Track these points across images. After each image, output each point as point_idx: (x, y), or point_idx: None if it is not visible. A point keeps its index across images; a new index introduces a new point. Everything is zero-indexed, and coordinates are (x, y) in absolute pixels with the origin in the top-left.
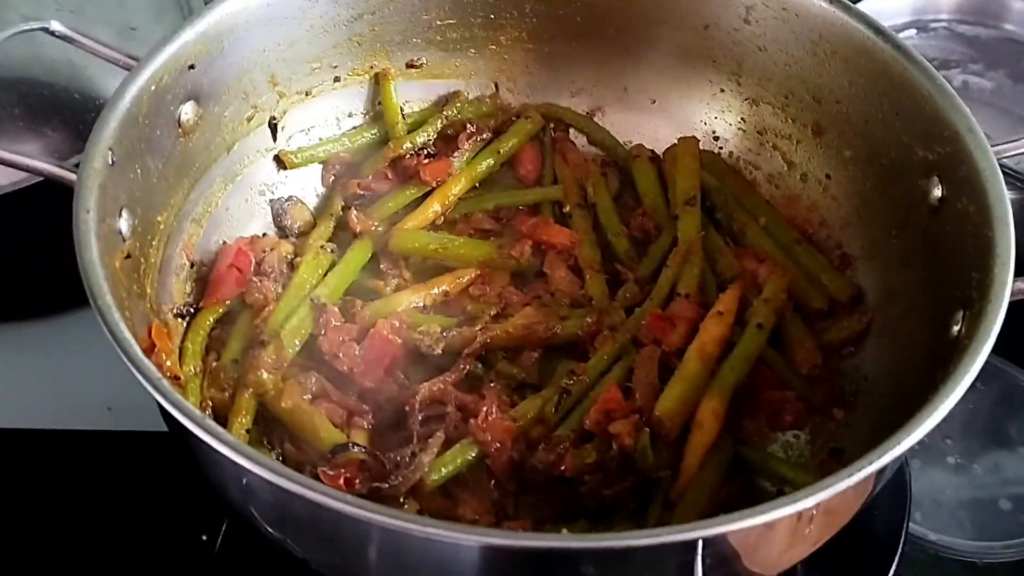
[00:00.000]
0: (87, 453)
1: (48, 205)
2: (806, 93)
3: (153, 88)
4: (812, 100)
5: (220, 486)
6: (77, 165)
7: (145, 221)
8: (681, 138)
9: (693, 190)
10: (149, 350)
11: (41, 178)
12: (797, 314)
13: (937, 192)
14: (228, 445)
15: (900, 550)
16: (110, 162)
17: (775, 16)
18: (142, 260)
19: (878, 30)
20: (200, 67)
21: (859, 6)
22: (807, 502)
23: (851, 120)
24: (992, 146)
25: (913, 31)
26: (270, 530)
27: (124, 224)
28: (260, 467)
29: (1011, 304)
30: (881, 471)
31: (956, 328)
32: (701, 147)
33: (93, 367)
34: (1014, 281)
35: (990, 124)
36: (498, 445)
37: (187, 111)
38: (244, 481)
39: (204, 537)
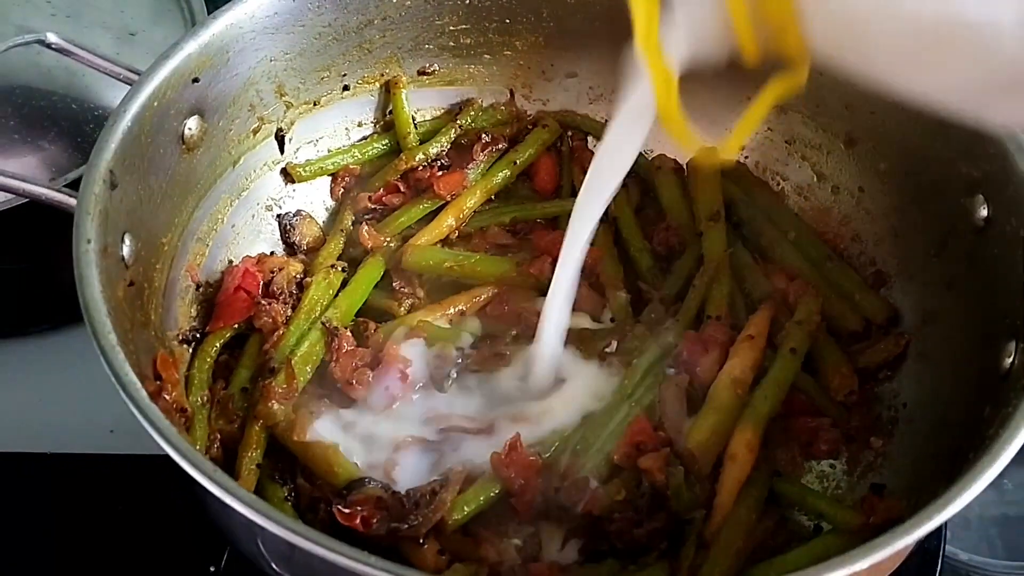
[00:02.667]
0: (89, 477)
1: (47, 221)
2: (838, 102)
3: (156, 104)
4: (844, 109)
5: (226, 527)
6: (74, 183)
7: (148, 244)
8: (701, 150)
9: (716, 204)
10: (156, 393)
11: None
12: (830, 336)
13: (982, 211)
14: (240, 500)
15: None
16: (112, 186)
17: None
18: (145, 286)
19: None
20: (204, 80)
21: None
22: (859, 565)
23: (886, 131)
24: None
25: None
26: (277, 570)
27: (127, 250)
28: (276, 525)
29: None
30: None
31: (1008, 360)
32: None
33: (95, 387)
34: None
35: None
36: (522, 482)
37: (191, 126)
38: (253, 526)
39: (212, 568)
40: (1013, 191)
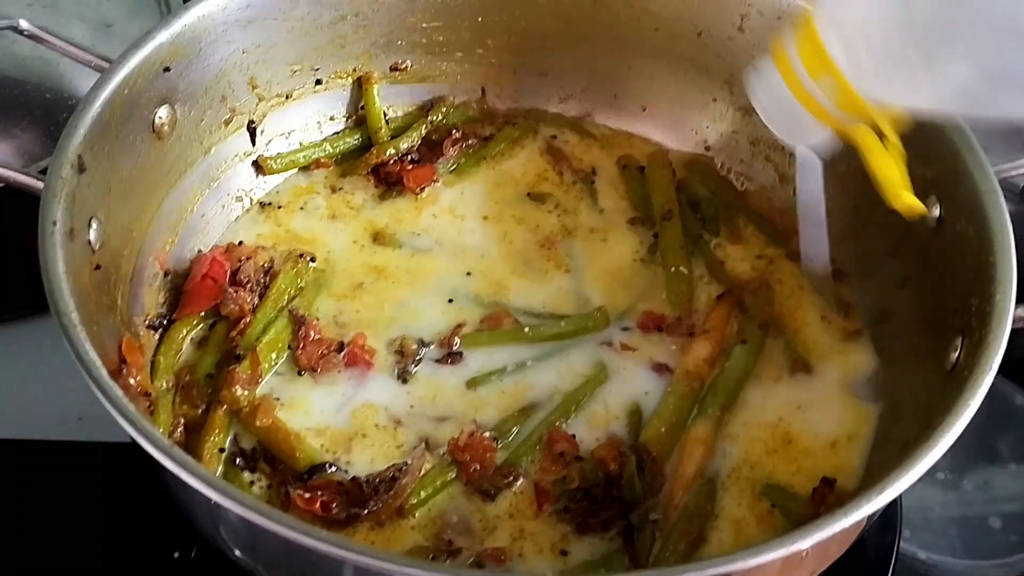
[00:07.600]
0: (57, 464)
1: (14, 207)
2: None
3: (126, 92)
4: None
5: (189, 512)
6: (45, 170)
7: (116, 230)
8: (650, 154)
9: (668, 204)
10: (116, 372)
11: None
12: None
13: (936, 211)
14: (197, 476)
15: (891, 571)
16: (79, 170)
17: (770, 25)
18: (112, 271)
19: None
20: (176, 69)
21: None
22: (801, 544)
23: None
24: (993, 166)
25: None
26: (240, 556)
27: (94, 234)
28: (232, 502)
29: None
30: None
31: (954, 355)
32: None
33: (63, 375)
34: (1015, 308)
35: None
36: (478, 466)
37: (162, 115)
38: (214, 511)
39: (176, 555)
40: (964, 191)
